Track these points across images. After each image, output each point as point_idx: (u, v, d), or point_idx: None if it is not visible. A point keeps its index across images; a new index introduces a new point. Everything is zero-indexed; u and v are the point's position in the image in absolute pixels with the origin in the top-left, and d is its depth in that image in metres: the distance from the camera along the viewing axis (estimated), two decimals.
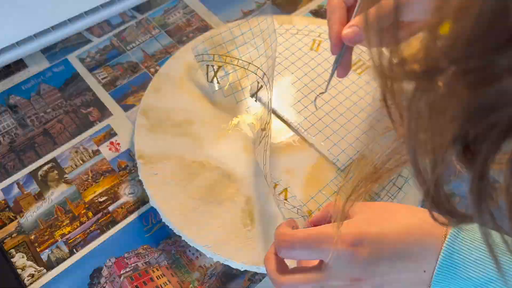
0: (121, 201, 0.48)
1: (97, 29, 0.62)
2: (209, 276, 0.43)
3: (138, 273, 0.43)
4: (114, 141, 0.52)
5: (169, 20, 0.63)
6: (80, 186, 0.49)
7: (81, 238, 0.45)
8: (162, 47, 0.60)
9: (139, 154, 0.48)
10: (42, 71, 0.58)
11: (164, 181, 0.46)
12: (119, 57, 0.59)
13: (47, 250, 0.45)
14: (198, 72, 0.54)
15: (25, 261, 0.44)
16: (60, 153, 0.51)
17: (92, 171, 0.50)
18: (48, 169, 0.50)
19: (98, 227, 0.46)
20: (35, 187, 0.49)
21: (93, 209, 0.47)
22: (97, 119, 0.54)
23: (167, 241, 0.45)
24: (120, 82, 0.57)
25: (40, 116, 0.54)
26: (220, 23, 0.63)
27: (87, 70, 0.58)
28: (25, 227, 0.46)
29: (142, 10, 0.65)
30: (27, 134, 0.53)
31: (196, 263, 0.44)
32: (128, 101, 0.55)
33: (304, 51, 0.56)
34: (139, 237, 0.45)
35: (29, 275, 0.43)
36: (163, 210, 0.44)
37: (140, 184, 0.48)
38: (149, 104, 0.52)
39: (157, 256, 0.44)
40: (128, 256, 0.44)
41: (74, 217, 0.47)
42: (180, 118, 0.51)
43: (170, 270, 0.43)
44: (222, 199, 0.45)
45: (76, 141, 0.52)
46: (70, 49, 0.60)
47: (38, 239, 0.45)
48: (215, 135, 0.50)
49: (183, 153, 0.48)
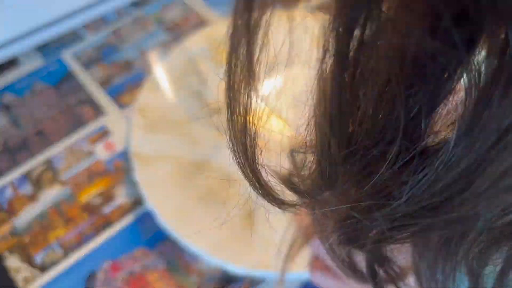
0: (116, 203, 0.47)
1: (92, 26, 0.61)
2: (208, 280, 0.42)
3: (134, 276, 0.42)
4: (110, 141, 0.51)
5: (166, 16, 0.62)
6: (75, 187, 0.48)
7: (76, 240, 0.45)
8: (159, 44, 0.59)
9: (135, 154, 0.47)
10: (36, 69, 0.57)
11: (160, 182, 0.45)
12: (115, 55, 0.58)
13: (41, 253, 0.44)
14: (195, 70, 0.53)
15: (19, 263, 0.44)
16: (54, 153, 0.50)
17: (87, 171, 0.49)
18: (43, 170, 0.49)
19: (93, 229, 0.45)
20: (29, 188, 0.48)
21: (88, 210, 0.46)
22: (92, 118, 0.53)
23: (164, 243, 0.44)
24: (116, 80, 0.56)
25: (34, 115, 0.53)
26: (218, 19, 0.62)
27: (83, 68, 0.57)
28: (19, 229, 0.45)
29: (138, 6, 0.64)
30: (21, 134, 0.52)
31: (194, 266, 0.43)
32: (124, 100, 0.54)
33: None
34: (135, 239, 0.45)
35: (23, 278, 0.43)
36: (160, 212, 0.43)
37: (136, 185, 0.48)
38: (146, 102, 0.51)
39: (154, 259, 0.43)
40: (124, 259, 0.43)
41: (69, 219, 0.46)
42: (177, 117, 0.50)
43: (167, 273, 0.43)
44: (221, 201, 0.44)
45: (71, 141, 0.51)
46: (65, 46, 0.59)
47: (32, 241, 0.45)
48: (214, 135, 0.49)
49: (181, 153, 0.47)
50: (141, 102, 0.51)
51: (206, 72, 0.53)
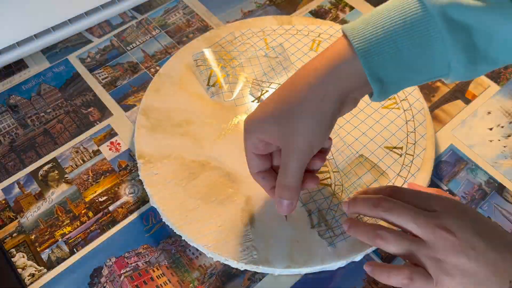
0: (121, 201, 0.48)
1: (97, 29, 0.63)
2: (209, 276, 0.43)
3: (138, 272, 0.43)
4: (114, 141, 0.52)
5: (169, 20, 0.63)
6: (81, 186, 0.49)
7: (82, 237, 0.46)
8: (162, 47, 0.60)
9: (139, 154, 0.48)
10: (42, 71, 0.58)
11: (164, 180, 0.46)
12: (119, 57, 0.59)
13: (47, 250, 0.45)
14: (198, 73, 0.54)
15: (25, 260, 0.44)
16: (60, 153, 0.51)
17: (92, 171, 0.50)
18: (49, 169, 0.50)
19: (98, 227, 0.46)
20: (35, 187, 0.49)
21: (93, 208, 0.47)
22: (97, 119, 0.54)
23: (167, 240, 0.45)
24: (120, 82, 0.57)
25: (40, 116, 0.54)
26: (220, 23, 0.63)
27: (88, 70, 0.58)
28: (26, 227, 0.46)
29: (142, 11, 0.65)
30: (28, 134, 0.53)
31: (196, 262, 0.44)
32: (128, 101, 0.55)
33: (303, 52, 0.56)
34: (139, 236, 0.45)
35: (30, 274, 0.44)
36: (163, 210, 0.44)
37: (140, 184, 0.48)
38: (149, 104, 0.52)
39: (157, 256, 0.44)
40: (128, 255, 0.44)
41: (75, 217, 0.47)
42: (180, 118, 0.51)
43: (170, 269, 0.44)
44: (222, 199, 0.45)
45: (76, 141, 0.52)
46: (70, 49, 0.61)
47: (38, 238, 0.46)
48: (215, 135, 0.50)
49: (183, 153, 0.48)
50: (145, 103, 0.52)
51: (207, 75, 0.54)
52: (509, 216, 0.46)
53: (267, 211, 0.45)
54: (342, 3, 0.65)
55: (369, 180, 0.46)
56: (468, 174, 0.49)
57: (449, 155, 0.50)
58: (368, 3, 0.65)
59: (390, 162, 0.48)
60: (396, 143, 0.49)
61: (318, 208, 0.45)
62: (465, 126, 0.52)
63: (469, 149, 0.51)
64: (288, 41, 0.57)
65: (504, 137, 0.51)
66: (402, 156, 0.48)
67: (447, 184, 0.48)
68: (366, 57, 0.32)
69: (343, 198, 0.45)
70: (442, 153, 0.50)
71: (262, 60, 0.55)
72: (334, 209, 0.45)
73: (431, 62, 0.33)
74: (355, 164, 0.48)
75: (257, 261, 0.41)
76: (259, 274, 0.43)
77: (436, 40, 0.32)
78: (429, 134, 0.50)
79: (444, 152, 0.50)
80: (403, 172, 0.47)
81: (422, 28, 0.32)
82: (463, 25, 0.31)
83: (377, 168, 0.47)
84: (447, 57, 0.32)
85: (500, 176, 0.49)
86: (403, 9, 0.32)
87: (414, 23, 0.32)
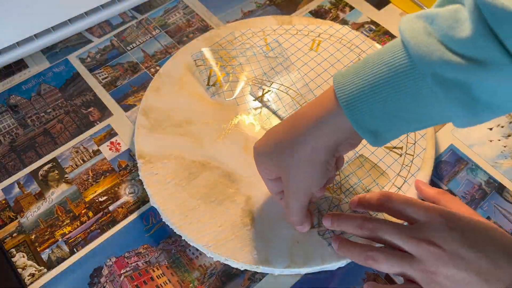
0: (121, 201, 0.48)
1: (97, 29, 0.63)
2: (209, 276, 0.43)
3: (138, 272, 0.43)
4: (114, 141, 0.52)
5: (169, 20, 0.63)
6: (81, 185, 0.49)
7: (82, 237, 0.46)
8: (162, 47, 0.60)
9: (139, 154, 0.48)
10: (42, 71, 0.58)
11: (164, 180, 0.46)
12: (120, 57, 0.59)
13: (47, 250, 0.45)
14: (198, 73, 0.54)
15: (25, 260, 0.44)
16: (60, 153, 0.51)
17: (92, 170, 0.50)
18: (49, 169, 0.50)
19: (98, 227, 0.46)
20: (35, 186, 0.49)
21: (93, 208, 0.47)
22: (97, 119, 0.54)
23: (167, 240, 0.45)
24: (120, 82, 0.57)
25: (40, 116, 0.55)
26: (220, 23, 0.63)
27: (88, 70, 0.58)
28: (26, 227, 0.46)
29: (142, 11, 0.65)
30: (28, 134, 0.53)
31: (196, 262, 0.44)
32: (128, 101, 0.55)
33: (303, 51, 0.57)
34: (139, 236, 0.45)
35: (30, 274, 0.44)
36: (163, 210, 0.44)
37: (140, 184, 0.49)
38: (149, 104, 0.52)
39: (157, 256, 0.44)
40: (128, 255, 0.44)
41: (75, 217, 0.47)
42: (180, 118, 0.51)
43: (170, 269, 0.44)
44: (222, 199, 0.45)
45: (76, 141, 0.52)
46: (70, 49, 0.61)
47: (38, 238, 0.46)
48: (215, 135, 0.50)
49: (183, 153, 0.48)
50: (145, 103, 0.52)
51: (207, 75, 0.54)
52: (509, 216, 0.46)
53: (267, 211, 0.45)
54: (342, 3, 0.65)
55: (369, 181, 0.47)
56: (468, 174, 0.49)
57: (449, 155, 0.50)
58: (368, 3, 0.65)
59: (390, 162, 0.48)
60: (396, 143, 0.49)
61: (318, 208, 0.45)
62: None
63: (469, 149, 0.51)
64: (288, 41, 0.58)
65: (504, 137, 0.51)
66: (402, 156, 0.48)
67: (447, 184, 0.48)
68: (351, 109, 0.31)
69: (343, 199, 0.45)
70: (442, 153, 0.50)
71: (261, 59, 0.56)
72: (334, 209, 0.45)
73: (426, 114, 0.31)
74: (355, 165, 0.48)
75: (257, 261, 0.41)
76: (259, 274, 0.43)
77: (426, 97, 0.30)
78: (429, 134, 0.50)
79: (444, 152, 0.51)
80: (403, 172, 0.47)
81: (411, 83, 0.29)
82: (456, 82, 0.28)
83: (377, 168, 0.47)
84: (443, 112, 0.30)
85: (500, 176, 0.49)
86: (390, 62, 0.30)
87: (401, 77, 0.30)
